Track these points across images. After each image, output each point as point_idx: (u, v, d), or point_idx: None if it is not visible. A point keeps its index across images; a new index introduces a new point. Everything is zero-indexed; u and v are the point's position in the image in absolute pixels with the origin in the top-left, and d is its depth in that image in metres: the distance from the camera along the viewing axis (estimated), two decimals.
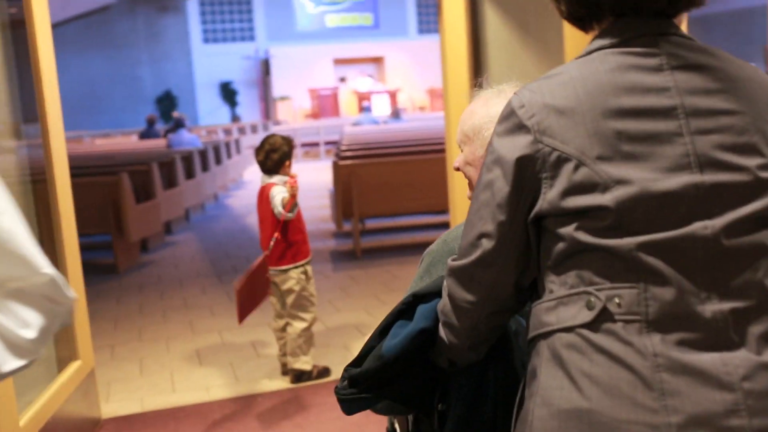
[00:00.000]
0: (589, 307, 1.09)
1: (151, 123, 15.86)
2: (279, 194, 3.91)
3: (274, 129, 22.33)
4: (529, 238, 1.18)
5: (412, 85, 26.62)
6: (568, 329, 1.11)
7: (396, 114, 18.92)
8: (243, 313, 3.79)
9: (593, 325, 1.09)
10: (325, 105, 26.34)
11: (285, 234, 3.96)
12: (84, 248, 8.38)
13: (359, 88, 26.16)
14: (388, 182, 7.18)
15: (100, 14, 28.87)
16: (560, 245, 1.13)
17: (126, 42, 29.55)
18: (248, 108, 29.90)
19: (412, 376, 1.40)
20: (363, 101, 22.48)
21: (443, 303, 1.29)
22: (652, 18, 1.18)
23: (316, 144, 18.15)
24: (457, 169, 1.63)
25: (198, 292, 6.20)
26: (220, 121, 28.67)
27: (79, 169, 8.45)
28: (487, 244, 1.17)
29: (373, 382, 1.38)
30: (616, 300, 1.08)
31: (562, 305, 1.13)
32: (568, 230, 1.12)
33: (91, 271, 7.19)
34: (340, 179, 7.13)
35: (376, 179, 7.16)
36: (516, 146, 1.14)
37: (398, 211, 7.69)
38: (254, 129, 21.78)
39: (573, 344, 1.10)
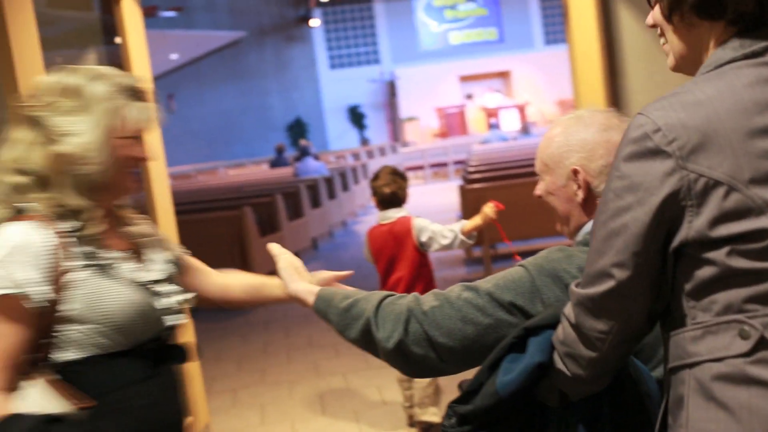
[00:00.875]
0: (743, 336, 1.03)
1: (280, 151, 16.06)
2: (430, 224, 3.55)
3: (402, 150, 22.22)
4: (662, 266, 1.11)
5: (540, 97, 25.89)
6: (720, 359, 1.05)
7: (525, 129, 18.34)
8: None
9: (750, 356, 1.02)
10: (453, 123, 26.05)
11: (429, 269, 3.61)
12: None
13: (487, 104, 25.72)
14: (519, 204, 6.71)
15: (232, 48, 29.87)
16: (705, 270, 1.06)
17: (256, 73, 30.44)
18: (376, 130, 30.06)
19: (519, 413, 1.35)
20: (491, 117, 22.07)
21: (564, 333, 1.22)
22: None
23: (444, 164, 17.83)
24: (539, 197, 1.63)
25: (323, 329, 5.95)
26: (349, 145, 28.99)
27: (208, 203, 8.50)
28: (620, 274, 1.10)
29: (486, 420, 1.34)
30: None
31: (710, 334, 1.06)
32: (717, 255, 1.04)
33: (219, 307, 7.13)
34: (469, 204, 6.75)
35: (506, 202, 6.71)
36: (654, 173, 1.06)
37: (531, 234, 7.21)
38: (382, 152, 21.73)
39: (727, 375, 1.04)
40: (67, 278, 1.42)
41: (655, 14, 1.21)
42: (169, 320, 1.60)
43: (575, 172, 1.48)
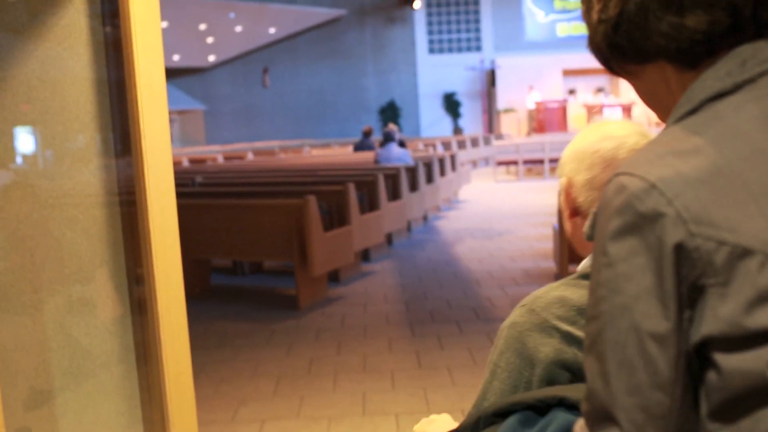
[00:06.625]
0: None
1: (366, 134, 15.24)
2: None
3: (496, 143, 21.13)
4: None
5: None
6: None
7: None
8: None
9: None
10: (552, 119, 24.71)
11: None
12: (270, 274, 7.68)
13: (589, 101, 24.31)
14: None
15: (330, 26, 29.30)
16: (736, 382, 0.72)
17: (353, 53, 29.81)
18: (471, 120, 29.06)
19: None
20: (593, 116, 20.74)
21: None
22: None
23: (540, 161, 16.65)
24: None
25: (382, 349, 5.06)
26: (441, 133, 28.09)
27: (272, 185, 7.73)
28: (656, 400, 0.76)
29: None
30: None
31: None
32: (754, 364, 0.70)
33: (273, 304, 6.34)
34: None
35: None
36: (656, 248, 0.74)
37: None
38: (474, 143, 20.68)
39: None
40: None
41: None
42: None
43: (565, 185, 1.38)
